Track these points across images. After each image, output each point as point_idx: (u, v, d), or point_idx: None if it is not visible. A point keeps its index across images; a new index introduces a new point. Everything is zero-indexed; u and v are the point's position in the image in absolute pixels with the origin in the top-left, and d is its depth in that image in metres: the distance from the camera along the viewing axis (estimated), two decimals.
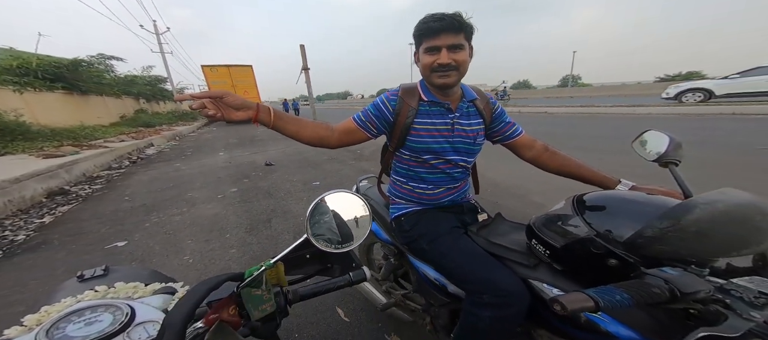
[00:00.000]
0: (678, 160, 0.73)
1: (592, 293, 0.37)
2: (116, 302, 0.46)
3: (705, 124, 5.94)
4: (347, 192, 0.54)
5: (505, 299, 0.64)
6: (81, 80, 9.60)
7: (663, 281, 0.38)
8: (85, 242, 2.36)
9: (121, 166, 5.32)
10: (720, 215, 0.42)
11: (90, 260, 2.09)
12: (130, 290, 0.52)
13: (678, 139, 0.75)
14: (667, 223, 0.43)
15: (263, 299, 0.46)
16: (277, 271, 0.52)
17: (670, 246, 0.43)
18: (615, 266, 0.51)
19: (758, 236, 0.42)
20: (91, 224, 2.73)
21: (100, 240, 2.38)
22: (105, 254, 2.17)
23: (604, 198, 0.63)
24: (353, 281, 0.56)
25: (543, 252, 0.65)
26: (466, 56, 0.75)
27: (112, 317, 0.42)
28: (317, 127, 0.82)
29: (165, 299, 0.51)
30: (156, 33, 18.79)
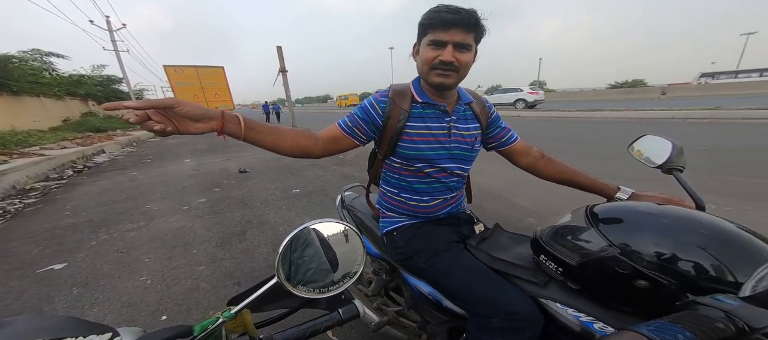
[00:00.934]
0: (682, 166, 0.69)
1: (646, 332, 0.31)
2: None
3: None
4: (332, 221, 0.46)
5: (518, 323, 0.57)
6: (12, 79, 8.40)
7: (723, 314, 0.33)
8: (12, 267, 1.97)
9: (63, 176, 4.63)
10: None
11: (18, 286, 1.74)
12: None
13: (679, 144, 0.71)
14: None
15: None
16: (243, 319, 0.44)
17: None
18: (643, 288, 0.46)
19: None
20: (20, 245, 2.30)
21: (31, 263, 2.01)
22: (36, 279, 1.82)
23: (618, 209, 0.59)
24: (343, 319, 0.49)
25: (554, 269, 0.59)
26: (470, 59, 0.69)
27: None
28: (298, 135, 0.71)
29: None
30: (109, 30, 17.01)
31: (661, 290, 0.45)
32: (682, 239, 0.46)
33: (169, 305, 1.56)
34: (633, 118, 8.47)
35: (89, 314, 1.50)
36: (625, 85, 33.55)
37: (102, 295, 1.65)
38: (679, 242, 0.46)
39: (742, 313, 0.33)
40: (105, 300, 1.61)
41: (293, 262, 0.42)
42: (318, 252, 0.44)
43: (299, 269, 0.42)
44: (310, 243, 0.44)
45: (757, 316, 0.33)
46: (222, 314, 0.39)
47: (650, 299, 0.44)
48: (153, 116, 0.50)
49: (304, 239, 0.43)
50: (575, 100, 22.48)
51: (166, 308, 1.53)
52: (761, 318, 0.32)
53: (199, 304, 1.56)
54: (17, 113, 8.45)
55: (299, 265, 0.42)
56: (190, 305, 1.55)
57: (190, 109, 0.53)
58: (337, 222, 0.46)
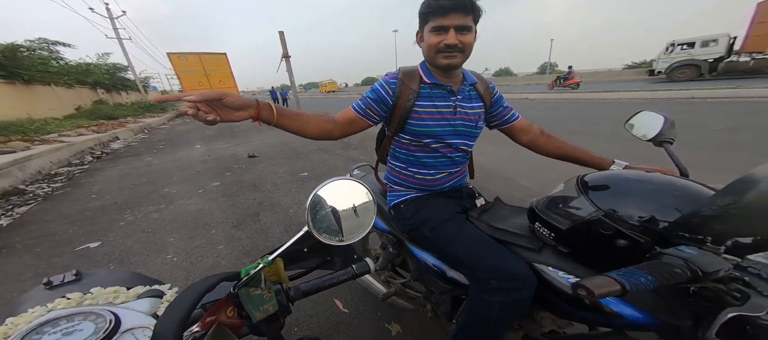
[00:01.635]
0: (672, 139, 0.74)
1: (617, 276, 0.36)
2: (96, 309, 0.41)
3: None
4: (349, 179, 0.51)
5: (515, 283, 0.64)
6: (22, 68, 8.54)
7: (682, 261, 0.37)
8: (52, 245, 2.17)
9: (83, 162, 4.87)
10: None
11: (61, 263, 1.94)
12: (111, 296, 0.48)
13: (671, 118, 0.76)
14: (729, 199, 0.40)
15: (264, 299, 0.44)
16: (277, 267, 0.50)
17: (731, 225, 0.40)
18: (624, 247, 0.50)
19: None
20: (56, 225, 2.50)
21: (69, 242, 2.20)
22: (76, 256, 2.01)
23: (606, 178, 0.63)
24: (357, 273, 0.54)
25: (547, 235, 0.64)
26: (472, 39, 0.74)
27: (94, 326, 0.37)
28: (319, 120, 0.78)
29: (153, 302, 0.46)
30: (110, 17, 16.81)
31: (638, 247, 0.49)
32: (658, 201, 0.50)
33: (196, 279, 1.72)
34: (648, 99, 8.15)
35: None
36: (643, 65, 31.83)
37: (136, 270, 1.83)
38: (656, 203, 0.50)
39: (697, 260, 0.37)
40: None
41: (317, 214, 0.47)
42: (337, 207, 0.48)
43: (323, 221, 0.47)
44: (330, 199, 0.48)
45: (710, 262, 0.37)
46: (262, 260, 0.44)
47: (629, 257, 0.48)
48: (202, 107, 0.56)
49: (325, 195, 0.48)
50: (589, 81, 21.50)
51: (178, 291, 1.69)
52: (713, 264, 0.37)
53: None
54: (32, 102, 8.71)
55: (323, 217, 0.47)
56: None
57: (233, 100, 0.59)
58: (351, 180, 0.51)
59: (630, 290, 0.34)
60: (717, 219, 0.41)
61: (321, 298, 1.44)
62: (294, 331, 1.29)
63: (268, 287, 0.45)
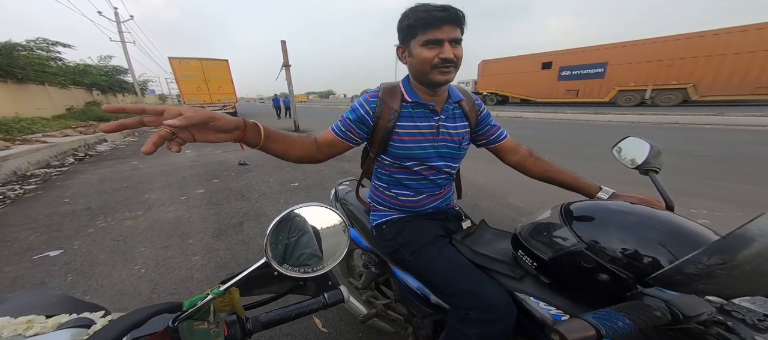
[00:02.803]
0: (658, 167, 0.72)
1: (592, 320, 0.34)
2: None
3: None
4: (319, 206, 0.48)
5: (492, 314, 0.61)
6: (17, 67, 8.44)
7: (663, 303, 0.36)
8: (9, 252, 1.98)
9: (64, 163, 4.66)
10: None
11: (13, 272, 1.74)
12: (22, 326, 0.39)
13: (658, 146, 0.74)
14: (717, 259, 0.36)
15: (210, 335, 0.38)
16: (231, 297, 0.43)
17: (716, 285, 0.36)
18: (605, 281, 0.48)
19: None
20: (18, 231, 2.30)
21: (28, 249, 2.01)
22: (32, 265, 1.82)
23: (591, 208, 0.61)
24: (328, 303, 0.50)
25: (530, 264, 0.62)
26: (462, 52, 0.69)
27: None
28: (304, 142, 0.73)
29: (73, 334, 0.38)
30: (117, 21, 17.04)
31: (619, 283, 0.47)
32: (642, 235, 0.48)
33: (162, 293, 1.55)
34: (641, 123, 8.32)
35: None
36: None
37: (96, 282, 1.65)
38: (639, 237, 0.48)
39: (678, 302, 0.36)
40: (98, 287, 1.61)
41: (280, 243, 0.43)
42: (304, 235, 0.45)
43: (286, 250, 0.44)
44: (296, 226, 0.45)
45: (692, 304, 0.36)
46: (211, 291, 0.40)
47: (610, 292, 0.47)
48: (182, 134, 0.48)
49: (291, 221, 0.45)
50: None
51: (159, 297, 1.52)
52: (695, 307, 0.36)
53: (192, 293, 1.54)
54: (21, 100, 8.52)
55: (286, 246, 0.44)
56: (183, 294, 1.54)
57: (224, 123, 0.52)
58: (322, 206, 0.47)
59: (605, 335, 0.34)
60: (701, 278, 0.37)
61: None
62: None
63: (217, 322, 0.40)
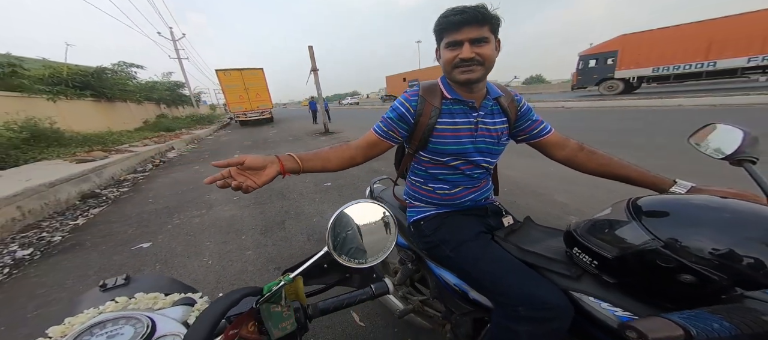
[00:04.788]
0: (755, 157, 0.64)
1: (680, 320, 0.31)
2: (137, 314, 0.46)
3: None
4: (369, 202, 0.52)
5: (546, 312, 0.58)
6: (107, 87, 10.21)
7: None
8: (114, 244, 2.50)
9: (146, 169, 5.60)
10: None
11: (119, 260, 2.21)
12: (151, 301, 0.52)
13: (753, 134, 0.65)
14: None
15: (283, 316, 0.46)
16: (296, 286, 0.51)
17: None
18: (689, 283, 0.44)
19: None
20: (119, 226, 2.89)
21: (127, 241, 2.52)
22: (131, 255, 2.28)
23: (665, 203, 0.55)
24: (375, 294, 0.54)
25: (589, 262, 0.58)
26: (491, 50, 0.70)
27: (133, 330, 0.42)
28: (340, 152, 0.80)
29: (185, 310, 0.50)
30: (172, 39, 19.63)
31: (708, 285, 0.42)
32: (740, 233, 0.43)
33: (225, 284, 1.84)
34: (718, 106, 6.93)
35: None
36: None
37: (176, 272, 2.01)
38: (736, 236, 0.43)
39: None
40: (178, 277, 1.96)
41: (338, 236, 0.49)
42: (357, 229, 0.50)
43: (343, 242, 0.49)
44: (350, 220, 0.50)
45: None
46: (283, 278, 0.46)
47: (695, 294, 0.42)
48: (233, 174, 0.60)
49: (347, 215, 0.50)
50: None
51: (222, 287, 1.80)
52: None
53: (247, 285, 1.81)
54: (111, 116, 10.36)
55: (344, 239, 0.49)
56: (241, 284, 1.80)
57: (251, 160, 0.62)
58: (373, 203, 0.53)
59: (696, 337, 0.30)
60: None
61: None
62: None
63: (288, 305, 0.47)
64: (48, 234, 2.75)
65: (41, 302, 1.75)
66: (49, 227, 2.92)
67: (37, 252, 2.41)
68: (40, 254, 2.38)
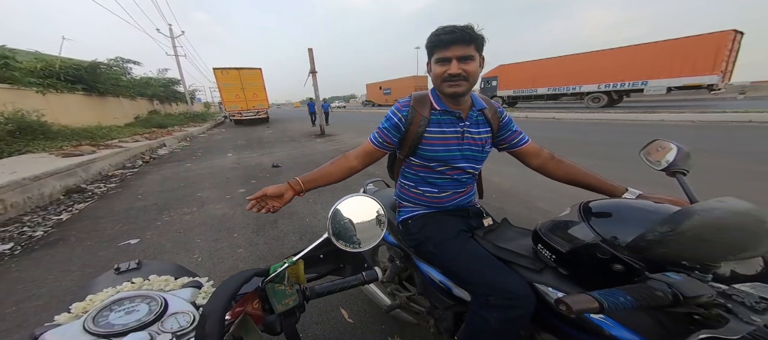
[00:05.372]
0: (686, 169, 0.74)
1: (596, 295, 0.38)
2: (151, 293, 0.49)
3: None
4: (364, 196, 0.58)
5: (512, 301, 0.66)
6: (99, 82, 9.99)
7: (666, 285, 0.40)
8: (100, 239, 2.44)
9: (135, 165, 5.49)
10: (716, 222, 0.44)
11: (105, 256, 2.16)
12: (163, 283, 0.56)
13: (686, 149, 0.76)
14: (667, 228, 0.45)
15: (286, 294, 0.50)
16: (297, 268, 0.56)
17: (670, 249, 0.46)
18: (620, 271, 0.53)
19: (753, 243, 0.43)
20: (105, 222, 2.82)
21: (114, 238, 2.46)
22: (118, 251, 2.24)
23: (610, 205, 0.64)
24: (366, 280, 0.59)
25: (549, 257, 0.66)
26: (476, 67, 0.77)
27: (148, 308, 0.45)
28: (339, 164, 0.90)
29: (193, 292, 0.55)
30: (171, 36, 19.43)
31: (633, 272, 0.51)
32: (659, 229, 0.50)
33: (216, 282, 1.82)
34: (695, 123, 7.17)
35: None
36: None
37: None
38: (656, 232, 0.50)
39: (680, 285, 0.39)
40: None
41: (336, 224, 0.55)
42: (353, 219, 0.56)
43: (340, 231, 0.55)
44: (347, 212, 0.56)
45: (693, 287, 0.39)
46: (287, 260, 0.51)
47: (625, 281, 0.49)
48: (261, 202, 0.79)
49: (344, 208, 0.56)
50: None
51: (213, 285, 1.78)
52: (695, 289, 0.39)
53: None
54: (102, 111, 10.12)
55: (341, 227, 0.55)
56: None
57: (272, 190, 0.79)
58: (367, 196, 0.59)
59: (607, 308, 0.37)
60: (657, 244, 0.46)
61: (328, 306, 1.48)
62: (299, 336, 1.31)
63: (290, 284, 0.52)
64: (30, 228, 2.67)
65: (21, 297, 1.69)
66: (31, 221, 2.83)
67: (18, 247, 2.33)
68: (21, 249, 2.31)
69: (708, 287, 0.41)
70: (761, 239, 0.43)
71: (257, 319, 0.47)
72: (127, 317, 0.43)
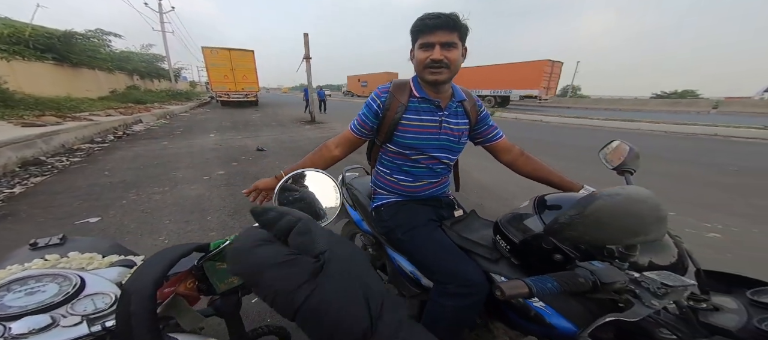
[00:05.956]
0: (634, 169, 0.78)
1: (527, 281, 0.41)
2: (64, 272, 0.43)
3: None
4: (319, 172, 0.56)
5: (468, 289, 0.68)
6: (73, 52, 9.32)
7: (589, 273, 0.43)
8: (55, 216, 2.22)
9: (105, 140, 5.11)
10: (616, 207, 0.47)
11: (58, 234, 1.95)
12: (85, 261, 0.50)
13: (637, 150, 0.80)
14: (575, 212, 0.49)
15: (229, 274, 0.46)
16: None
17: (577, 232, 0.49)
18: (559, 261, 0.57)
19: (646, 228, 0.47)
20: (63, 198, 2.57)
21: (71, 215, 2.24)
22: (74, 229, 2.03)
23: (561, 199, 0.68)
24: None
25: (505, 247, 0.70)
26: (458, 55, 0.77)
27: (58, 288, 0.40)
28: (321, 154, 0.90)
29: (120, 272, 0.48)
30: (160, 11, 18.22)
31: (569, 261, 0.56)
32: (569, 213, 0.52)
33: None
34: (668, 133, 7.30)
35: None
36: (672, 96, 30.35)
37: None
38: (566, 216, 0.52)
39: (599, 272, 0.43)
40: None
41: (286, 199, 0.52)
42: (306, 195, 0.53)
43: (292, 205, 0.50)
44: (302, 187, 0.54)
45: (609, 274, 0.43)
46: (229, 238, 0.45)
47: (563, 269, 0.52)
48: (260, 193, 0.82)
49: (299, 182, 0.53)
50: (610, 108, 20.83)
51: None
52: (611, 276, 0.43)
53: None
54: (74, 82, 9.41)
55: (292, 202, 0.52)
56: None
57: (262, 184, 0.82)
58: (320, 172, 0.56)
59: (536, 293, 0.40)
60: (567, 226, 0.50)
61: None
62: (267, 320, 1.24)
63: None
64: None
65: None
66: None
67: None
68: None
69: (623, 274, 0.44)
70: (651, 225, 0.47)
71: (193, 300, 0.44)
72: (27, 299, 0.37)
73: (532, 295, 0.40)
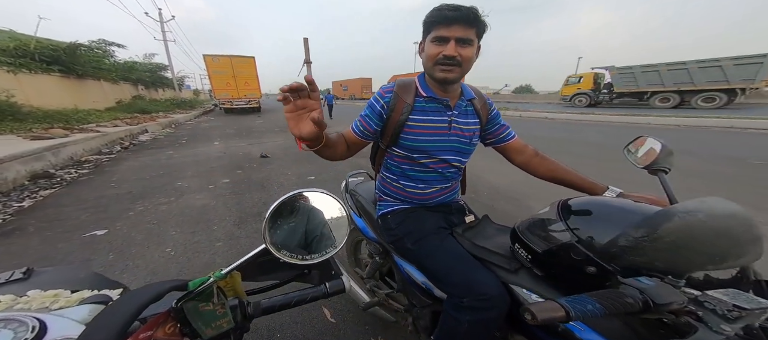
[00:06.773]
0: (668, 167, 0.71)
1: (563, 302, 0.36)
2: (20, 316, 0.36)
3: None
4: (320, 192, 0.47)
5: (485, 302, 0.63)
6: (78, 64, 9.47)
7: (637, 292, 0.38)
8: (63, 230, 2.22)
9: (112, 151, 5.16)
10: (699, 226, 0.40)
11: (65, 248, 1.95)
12: (49, 300, 0.43)
13: (670, 147, 0.73)
14: (643, 232, 0.42)
15: (216, 315, 0.40)
16: (233, 281, 0.43)
17: (644, 257, 0.42)
18: (594, 274, 0.49)
19: (738, 250, 0.40)
20: (71, 210, 2.58)
21: (79, 228, 2.24)
22: (81, 243, 2.03)
23: (590, 203, 0.60)
24: (329, 292, 0.49)
25: (525, 257, 0.63)
26: (472, 53, 0.71)
27: (12, 335, 0.33)
28: (341, 144, 0.79)
29: (92, 309, 0.42)
30: (160, 21, 18.52)
31: (606, 275, 0.48)
32: (633, 234, 0.46)
33: (188, 276, 1.65)
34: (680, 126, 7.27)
35: (118, 280, 1.64)
36: None
37: (132, 262, 1.79)
38: (630, 237, 0.46)
39: (651, 291, 0.37)
40: (134, 267, 1.75)
41: (280, 228, 0.44)
42: (304, 222, 0.45)
43: (287, 236, 0.44)
44: (298, 212, 0.45)
45: (663, 294, 0.37)
46: (213, 274, 0.41)
47: (598, 285, 0.47)
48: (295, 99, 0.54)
49: (293, 207, 0.45)
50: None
51: None
52: (666, 296, 0.37)
53: None
54: (81, 94, 9.56)
55: (287, 232, 0.44)
56: None
57: (314, 103, 0.56)
58: (323, 193, 0.47)
59: (574, 317, 0.35)
60: (631, 250, 0.43)
61: (310, 305, 1.35)
62: (276, 337, 1.23)
63: (222, 302, 0.41)
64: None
65: None
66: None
67: None
68: None
69: (680, 294, 0.38)
70: (746, 247, 0.40)
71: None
72: None
73: (569, 319, 0.35)
